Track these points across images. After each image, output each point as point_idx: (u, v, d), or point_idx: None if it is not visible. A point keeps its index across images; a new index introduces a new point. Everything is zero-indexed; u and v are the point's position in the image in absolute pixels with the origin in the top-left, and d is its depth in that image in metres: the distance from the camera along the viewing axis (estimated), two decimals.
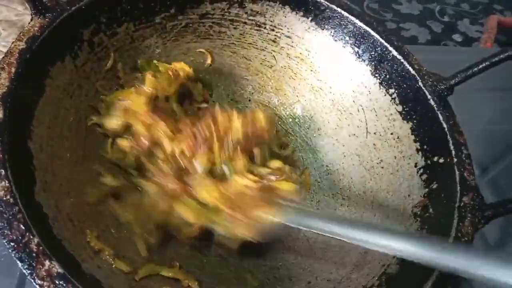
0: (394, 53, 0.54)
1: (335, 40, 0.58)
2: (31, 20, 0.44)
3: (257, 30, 0.60)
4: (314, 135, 0.60)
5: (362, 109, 0.57)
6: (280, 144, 0.58)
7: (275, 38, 0.60)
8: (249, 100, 0.62)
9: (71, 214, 0.40)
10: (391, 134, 0.54)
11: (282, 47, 0.60)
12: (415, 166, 0.50)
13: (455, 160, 0.47)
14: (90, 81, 0.50)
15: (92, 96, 0.50)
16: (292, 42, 0.60)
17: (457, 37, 1.38)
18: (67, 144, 0.45)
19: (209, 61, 0.60)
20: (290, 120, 0.61)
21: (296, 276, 0.48)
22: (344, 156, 0.57)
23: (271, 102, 0.62)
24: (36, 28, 0.43)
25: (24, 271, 0.32)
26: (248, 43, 0.61)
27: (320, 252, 0.50)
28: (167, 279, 0.43)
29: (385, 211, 0.50)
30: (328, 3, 0.57)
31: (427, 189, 0.48)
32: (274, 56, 0.61)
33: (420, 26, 1.41)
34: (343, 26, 0.57)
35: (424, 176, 0.49)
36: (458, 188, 0.45)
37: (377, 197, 0.52)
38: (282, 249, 0.50)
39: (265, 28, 0.60)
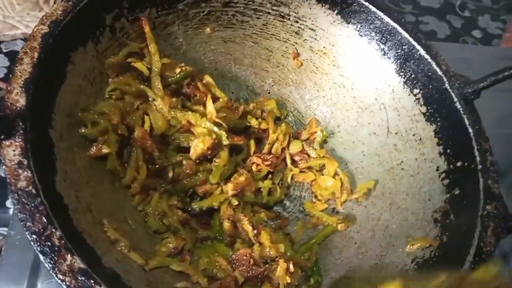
0: (422, 52, 0.52)
1: (361, 36, 0.56)
2: (54, 2, 0.43)
3: (280, 21, 0.58)
4: (334, 131, 0.59)
5: (384, 107, 0.55)
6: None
7: (299, 30, 0.59)
8: (269, 93, 0.61)
9: (91, 205, 0.40)
10: (413, 135, 0.53)
11: (305, 39, 0.59)
12: (437, 170, 0.49)
13: (479, 166, 0.46)
14: None
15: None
16: (316, 35, 0.58)
17: (476, 33, 1.35)
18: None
19: None
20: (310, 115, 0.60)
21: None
22: (364, 155, 0.56)
23: (291, 95, 0.61)
24: (59, 12, 0.42)
25: (46, 265, 0.32)
26: (271, 34, 0.59)
27: (336, 252, 0.49)
28: (179, 274, 0.43)
29: (403, 213, 0.49)
30: None
31: (448, 195, 0.47)
32: (296, 49, 0.60)
33: (440, 21, 1.37)
34: (370, 22, 0.55)
35: (446, 181, 0.48)
36: (482, 196, 0.44)
37: (396, 199, 0.51)
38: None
39: (288, 19, 0.58)
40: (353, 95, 0.58)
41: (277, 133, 0.56)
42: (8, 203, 0.61)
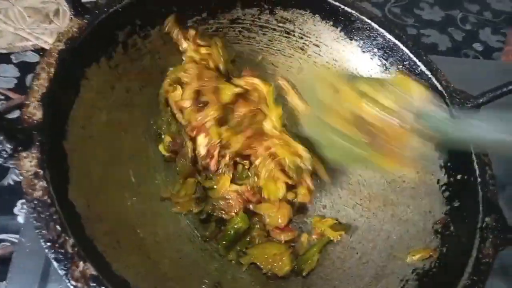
0: (423, 68, 0.54)
1: (363, 52, 0.58)
2: (70, 20, 0.45)
3: (285, 37, 0.60)
4: None
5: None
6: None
7: (303, 46, 0.60)
8: None
9: (102, 214, 0.42)
10: None
11: (309, 55, 0.61)
12: (438, 182, 0.51)
13: (479, 179, 0.47)
14: (122, 82, 0.51)
15: (124, 97, 0.51)
16: (320, 50, 0.60)
17: (477, 46, 1.37)
18: (98, 145, 0.46)
19: None
20: None
21: (314, 285, 0.49)
22: (366, 167, 0.57)
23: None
24: (75, 29, 0.44)
25: (59, 271, 0.33)
26: (276, 50, 0.61)
27: (338, 262, 0.51)
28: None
29: (405, 225, 0.51)
30: (358, 14, 0.57)
31: (448, 207, 0.48)
32: (300, 64, 0.62)
33: (441, 33, 1.39)
34: (372, 38, 0.57)
35: (446, 193, 0.49)
36: (481, 208, 0.45)
37: (397, 210, 0.52)
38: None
39: (294, 35, 0.60)
40: None
41: None
42: (16, 210, 0.62)
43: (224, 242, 0.49)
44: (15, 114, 0.70)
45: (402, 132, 0.42)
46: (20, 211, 0.61)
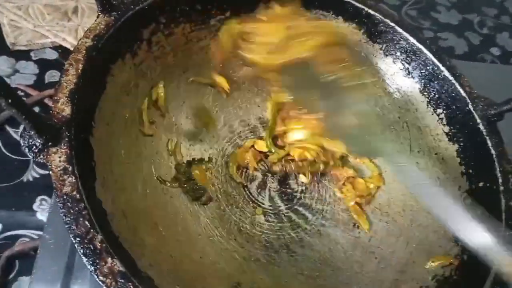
0: (446, 73, 0.54)
1: (386, 55, 0.58)
2: (97, 17, 0.45)
3: None
4: None
5: (407, 126, 0.57)
6: None
7: None
8: None
9: (126, 211, 0.42)
10: (436, 154, 0.54)
11: None
12: (459, 189, 0.50)
13: (501, 188, 0.47)
14: (146, 79, 0.51)
15: (146, 93, 0.51)
16: None
17: (495, 51, 1.36)
18: (122, 141, 0.46)
19: None
20: None
21: None
22: (385, 171, 0.57)
23: None
24: (102, 26, 0.44)
25: (88, 267, 0.33)
26: None
27: (356, 266, 0.51)
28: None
29: (424, 231, 0.50)
30: (382, 17, 0.56)
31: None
32: None
33: (458, 37, 1.38)
34: (395, 42, 0.57)
35: (468, 201, 0.49)
36: (504, 216, 0.45)
37: (416, 216, 0.52)
38: (318, 261, 0.51)
39: None
40: (376, 113, 0.59)
41: None
42: (35, 207, 0.63)
43: None
44: (35, 110, 0.70)
45: None
46: (39, 207, 0.61)
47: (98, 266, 0.33)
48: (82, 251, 0.33)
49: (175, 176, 0.52)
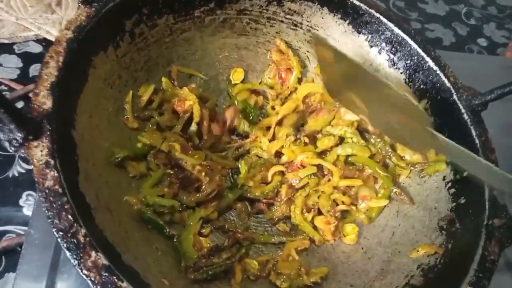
0: (431, 63, 0.54)
1: (371, 46, 0.58)
2: (78, 8, 0.44)
3: (293, 29, 0.60)
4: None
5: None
6: None
7: (311, 39, 0.60)
8: None
9: (109, 204, 0.41)
10: None
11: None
12: (443, 179, 0.51)
13: None
14: (129, 71, 0.50)
15: (130, 86, 0.50)
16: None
17: (482, 42, 1.36)
18: (105, 134, 0.46)
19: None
20: None
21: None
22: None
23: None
24: (83, 18, 0.44)
25: (72, 261, 0.33)
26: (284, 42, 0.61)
27: (343, 256, 0.51)
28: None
29: (410, 221, 0.51)
30: (367, 8, 0.56)
31: (454, 203, 0.49)
32: (308, 57, 0.61)
33: (445, 28, 1.38)
34: (380, 32, 0.57)
35: (452, 190, 0.49)
36: (487, 205, 0.45)
37: (402, 206, 0.53)
38: (306, 251, 0.51)
39: (301, 28, 0.60)
40: None
41: None
42: (21, 202, 0.62)
43: None
44: (19, 105, 0.69)
45: None
46: (25, 202, 0.61)
47: (82, 260, 0.33)
48: (65, 245, 0.33)
49: None
